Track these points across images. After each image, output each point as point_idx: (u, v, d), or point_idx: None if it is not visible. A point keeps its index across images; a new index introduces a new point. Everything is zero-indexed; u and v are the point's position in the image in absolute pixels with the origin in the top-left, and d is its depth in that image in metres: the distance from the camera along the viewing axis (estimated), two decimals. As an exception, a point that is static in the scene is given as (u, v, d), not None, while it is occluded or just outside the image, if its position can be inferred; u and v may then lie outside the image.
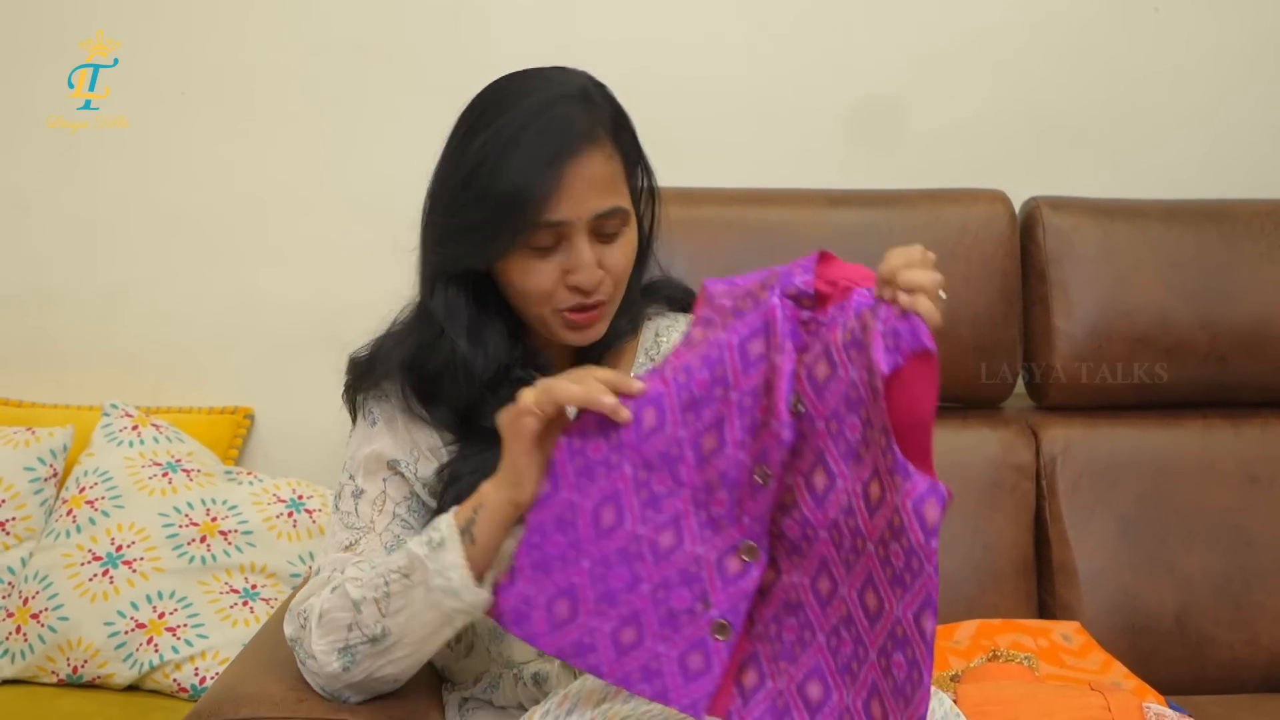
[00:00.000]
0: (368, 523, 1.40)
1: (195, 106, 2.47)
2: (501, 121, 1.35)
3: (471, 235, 1.37)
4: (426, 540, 1.26)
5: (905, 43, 2.45)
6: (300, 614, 1.34)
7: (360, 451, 1.44)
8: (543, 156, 1.32)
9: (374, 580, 1.28)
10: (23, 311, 2.50)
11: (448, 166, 1.41)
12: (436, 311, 1.41)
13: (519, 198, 1.32)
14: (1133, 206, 2.26)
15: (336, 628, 1.29)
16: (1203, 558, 2.11)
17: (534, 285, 1.38)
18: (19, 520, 2.21)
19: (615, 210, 1.38)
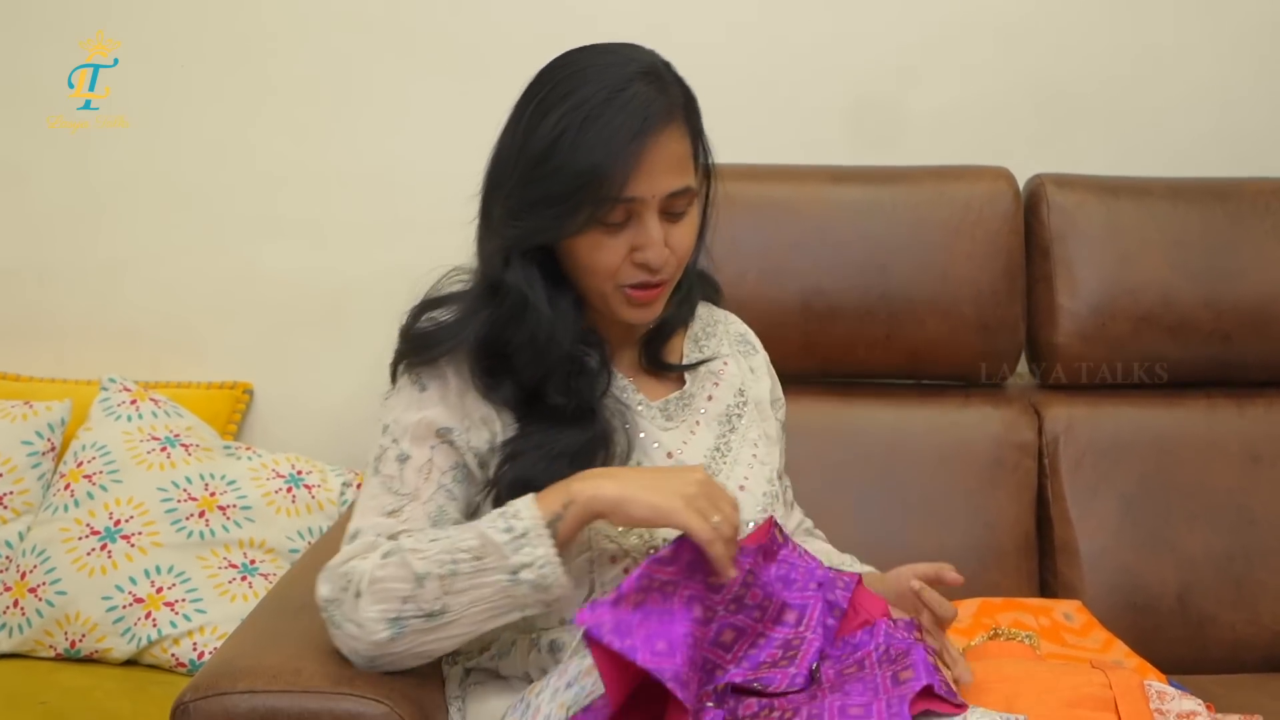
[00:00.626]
0: (413, 490, 1.38)
1: (197, 83, 2.46)
2: (579, 96, 1.34)
3: (549, 209, 1.36)
4: (506, 528, 1.26)
5: (910, 19, 2.43)
6: (342, 577, 1.32)
7: (407, 417, 1.41)
8: (625, 133, 1.33)
9: (439, 556, 1.27)
10: (21, 285, 2.49)
11: (519, 140, 1.38)
12: (515, 285, 1.39)
13: (599, 173, 1.32)
14: (1137, 184, 2.25)
15: (390, 597, 1.28)
16: (1205, 537, 2.11)
17: (602, 261, 1.38)
18: (16, 494, 2.21)
19: (685, 189, 1.39)
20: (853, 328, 2.16)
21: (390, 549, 1.31)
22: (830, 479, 2.10)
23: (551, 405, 1.40)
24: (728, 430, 1.54)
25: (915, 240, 2.16)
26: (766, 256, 2.13)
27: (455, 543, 1.28)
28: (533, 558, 1.25)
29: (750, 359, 1.65)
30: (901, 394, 2.23)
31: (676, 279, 1.45)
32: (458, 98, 2.42)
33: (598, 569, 1.39)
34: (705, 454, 1.50)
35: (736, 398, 1.57)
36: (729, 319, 1.69)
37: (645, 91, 1.35)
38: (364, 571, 1.30)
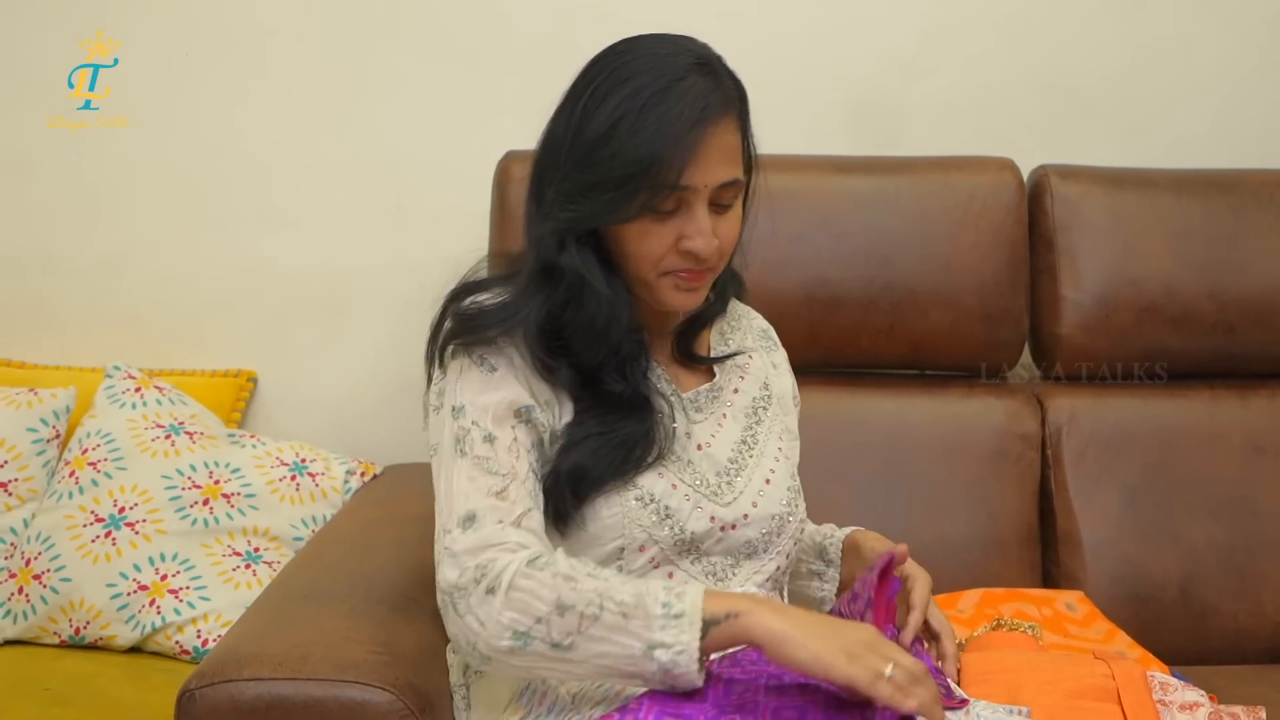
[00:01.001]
0: (509, 469, 1.36)
1: (197, 72, 2.46)
2: (637, 83, 1.35)
3: (604, 194, 1.36)
4: (665, 602, 1.23)
5: (914, 9, 2.43)
6: (478, 568, 1.28)
7: (483, 398, 1.38)
8: (683, 122, 1.33)
9: (589, 594, 1.24)
10: (26, 273, 2.49)
11: (575, 125, 1.38)
12: (571, 267, 1.39)
13: (656, 160, 1.33)
14: (1141, 176, 2.25)
15: (526, 610, 1.25)
16: (1207, 528, 2.11)
17: (649, 248, 1.38)
18: (21, 481, 2.21)
19: (735, 181, 1.40)
20: (856, 318, 2.16)
21: (540, 559, 1.28)
22: (833, 469, 2.10)
23: (607, 391, 1.40)
24: (754, 423, 1.54)
25: (919, 231, 2.16)
26: (770, 247, 2.12)
27: (610, 589, 1.25)
28: (674, 640, 1.21)
29: (773, 354, 1.66)
30: (905, 384, 2.23)
31: (719, 268, 1.45)
32: (461, 87, 2.42)
33: (627, 556, 1.39)
34: (732, 446, 1.50)
35: (762, 391, 1.58)
36: (750, 314, 1.69)
37: (702, 83, 1.36)
38: (505, 569, 1.27)
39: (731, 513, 1.45)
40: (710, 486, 1.45)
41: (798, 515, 1.53)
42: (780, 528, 1.49)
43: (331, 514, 2.20)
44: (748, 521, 1.46)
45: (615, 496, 1.39)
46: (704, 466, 1.46)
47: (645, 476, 1.41)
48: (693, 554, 1.43)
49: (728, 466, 1.48)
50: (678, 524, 1.41)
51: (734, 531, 1.45)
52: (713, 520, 1.43)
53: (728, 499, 1.45)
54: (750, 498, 1.47)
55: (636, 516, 1.39)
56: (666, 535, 1.40)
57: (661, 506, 1.40)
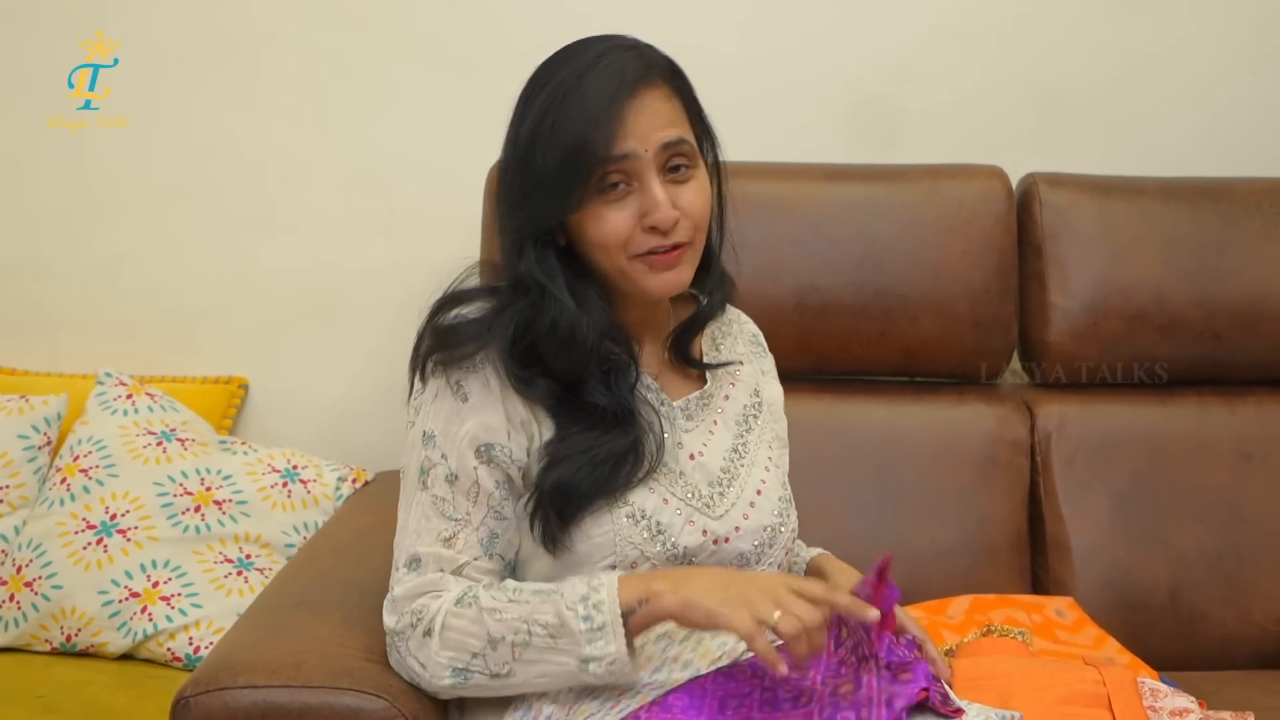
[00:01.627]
0: (464, 515, 1.38)
1: (193, 77, 2.46)
2: (559, 77, 1.36)
3: (545, 189, 1.36)
4: (585, 616, 1.27)
5: (903, 17, 2.44)
6: (412, 613, 1.35)
7: (453, 429, 1.39)
8: (602, 97, 1.34)
9: (514, 623, 1.30)
10: (18, 280, 2.49)
11: (514, 131, 1.40)
12: (532, 274, 1.39)
13: (583, 140, 1.33)
14: (1130, 184, 2.26)
15: (460, 649, 1.32)
16: (1196, 534, 2.12)
17: (611, 232, 1.37)
18: (13, 488, 2.21)
19: (681, 141, 1.38)
20: (847, 325, 2.17)
21: (465, 597, 1.33)
22: (824, 476, 2.10)
23: (589, 404, 1.39)
24: (744, 431, 1.53)
25: (909, 238, 2.17)
26: (761, 253, 2.14)
27: (533, 613, 1.29)
28: (604, 653, 1.27)
29: (762, 361, 1.66)
30: (895, 391, 2.23)
31: (698, 247, 1.43)
32: (452, 93, 2.43)
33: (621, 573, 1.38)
34: (724, 455, 1.49)
35: (752, 399, 1.57)
36: (741, 319, 1.68)
37: (622, 59, 1.37)
38: (436, 613, 1.33)
39: (723, 526, 1.44)
40: (702, 499, 1.44)
41: (789, 525, 1.52)
42: (772, 539, 1.49)
43: (323, 521, 2.20)
44: (739, 534, 1.45)
45: (605, 515, 1.38)
46: (696, 477, 1.45)
47: (635, 492, 1.40)
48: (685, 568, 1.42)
49: (720, 476, 1.47)
50: (670, 539, 1.40)
51: (726, 545, 1.44)
52: (705, 534, 1.42)
53: (719, 511, 1.45)
54: (742, 510, 1.46)
55: (628, 534, 1.38)
56: (659, 551, 1.39)
57: (653, 523, 1.40)
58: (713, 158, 1.48)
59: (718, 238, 1.52)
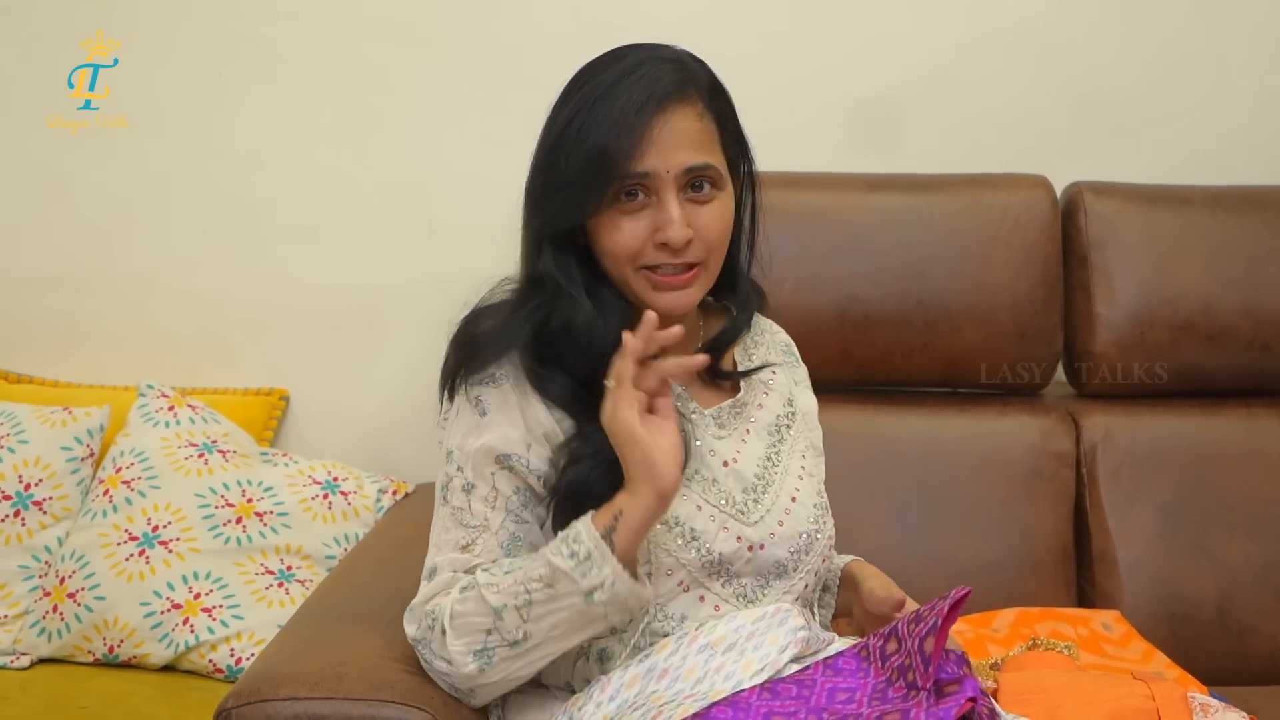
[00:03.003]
0: (482, 521, 1.39)
1: (230, 90, 2.47)
2: (594, 83, 1.37)
3: (565, 192, 1.37)
4: (570, 553, 1.28)
5: (946, 26, 2.43)
6: (427, 615, 1.36)
7: (469, 444, 1.41)
8: (631, 108, 1.34)
9: (513, 588, 1.30)
10: (60, 293, 2.51)
11: (544, 133, 1.41)
12: (549, 273, 1.40)
13: (606, 149, 1.33)
14: (1176, 192, 2.24)
15: (472, 631, 1.32)
16: (1244, 547, 2.09)
17: (622, 243, 1.38)
18: (56, 500, 2.22)
19: (706, 166, 1.38)
20: (889, 336, 2.15)
21: (467, 583, 1.34)
22: (866, 487, 2.09)
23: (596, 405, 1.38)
24: (777, 440, 1.52)
25: (952, 248, 2.16)
26: (803, 264, 2.13)
27: (527, 572, 1.30)
28: (601, 578, 1.27)
29: (795, 370, 1.65)
30: (938, 402, 2.22)
31: (712, 270, 1.43)
32: (493, 105, 2.43)
33: (656, 581, 1.38)
34: (758, 463, 1.48)
35: (786, 407, 1.56)
36: (774, 329, 1.68)
37: (658, 71, 1.36)
38: (445, 608, 1.34)
39: (758, 532, 1.43)
40: (737, 505, 1.43)
41: (825, 532, 1.51)
42: (808, 545, 1.47)
43: (364, 532, 2.20)
44: (774, 540, 1.44)
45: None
46: (730, 484, 1.45)
47: None
48: (723, 576, 1.41)
49: (754, 483, 1.46)
50: (704, 546, 1.39)
51: (762, 552, 1.43)
52: (739, 540, 1.41)
53: (754, 518, 1.44)
54: (777, 516, 1.46)
55: (661, 541, 1.38)
56: (694, 558, 1.39)
57: (687, 529, 1.39)
58: (746, 171, 1.48)
59: (746, 253, 1.52)
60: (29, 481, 2.20)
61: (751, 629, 1.35)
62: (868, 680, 1.29)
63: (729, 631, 1.34)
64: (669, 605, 1.39)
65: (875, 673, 1.30)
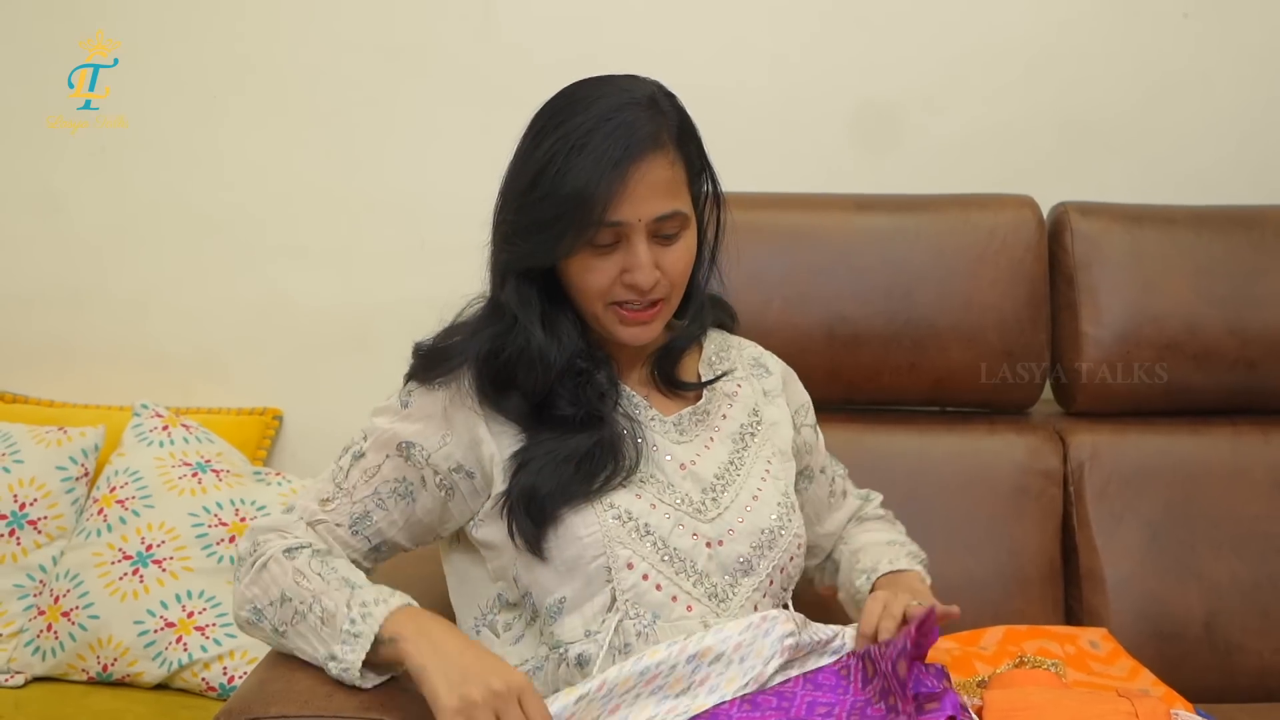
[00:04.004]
0: (350, 487, 1.48)
1: (224, 106, 2.49)
2: (570, 125, 1.40)
3: (539, 233, 1.41)
4: (352, 618, 1.35)
5: (932, 47, 2.45)
6: (255, 546, 1.45)
7: (380, 424, 1.49)
8: (608, 159, 1.38)
9: (306, 594, 1.39)
10: (55, 313, 2.52)
11: (517, 167, 1.46)
12: (509, 303, 1.45)
13: (583, 198, 1.37)
14: (1161, 212, 2.25)
15: (264, 592, 1.42)
16: (1231, 565, 2.10)
17: (592, 282, 1.44)
18: (51, 519, 2.23)
19: (674, 214, 1.43)
20: (877, 355, 2.17)
21: (294, 549, 1.43)
22: (855, 506, 2.10)
23: (559, 416, 1.45)
24: (741, 447, 1.56)
25: (939, 268, 2.17)
26: (790, 284, 2.14)
27: (324, 592, 1.38)
28: (344, 656, 1.35)
29: (763, 381, 1.67)
30: (926, 421, 2.23)
31: (674, 302, 1.50)
32: (483, 124, 2.44)
33: (615, 575, 1.41)
34: (719, 466, 1.52)
35: (751, 417, 1.60)
36: (742, 344, 1.71)
37: (634, 119, 1.40)
38: (267, 551, 1.43)
39: (715, 529, 1.47)
40: (694, 504, 1.47)
41: (790, 530, 1.53)
42: (771, 541, 1.50)
43: (356, 551, 2.21)
44: (734, 536, 1.47)
45: (590, 514, 1.42)
46: (687, 485, 1.48)
47: (620, 495, 1.43)
48: (691, 575, 1.44)
49: (713, 484, 1.50)
50: (659, 539, 1.43)
51: (721, 548, 1.46)
52: (695, 536, 1.45)
53: (711, 515, 1.47)
54: (736, 514, 1.49)
55: (616, 534, 1.41)
56: (650, 551, 1.42)
57: (641, 524, 1.43)
58: (709, 193, 1.52)
59: (706, 270, 1.58)
60: (24, 501, 2.21)
61: (739, 639, 1.37)
62: (846, 697, 1.31)
63: (717, 642, 1.37)
64: (640, 604, 1.42)
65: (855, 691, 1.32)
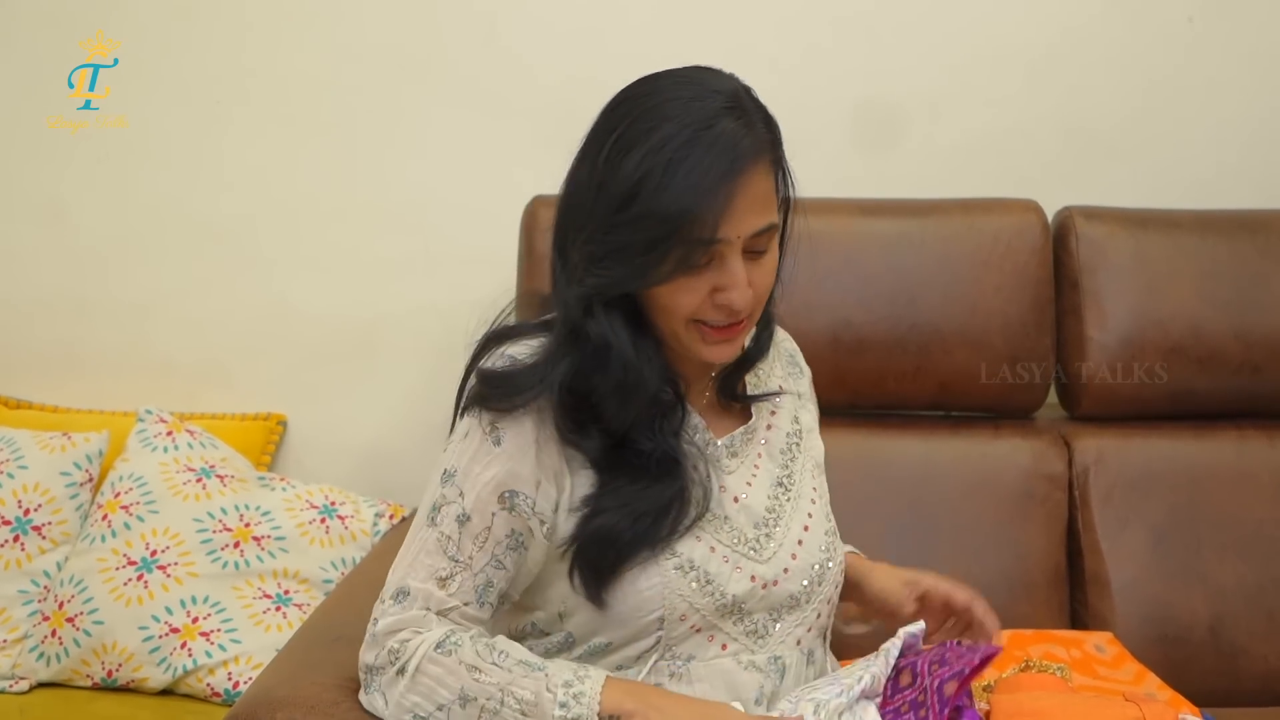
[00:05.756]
0: (467, 559, 1.34)
1: (227, 114, 2.49)
2: (662, 135, 1.28)
3: (636, 256, 1.29)
4: (562, 703, 1.25)
5: (936, 52, 2.45)
6: (391, 652, 1.31)
7: (476, 471, 1.35)
8: (713, 174, 1.27)
9: (491, 688, 1.27)
10: (59, 319, 2.52)
11: (598, 178, 1.31)
12: (599, 334, 1.33)
13: (688, 218, 1.26)
14: (1166, 216, 2.25)
15: (429, 696, 1.29)
16: (1236, 569, 2.10)
17: (684, 303, 1.33)
18: (55, 525, 2.23)
19: (769, 227, 1.33)
20: (882, 360, 2.17)
21: (446, 642, 1.30)
22: (859, 510, 2.08)
23: (637, 452, 1.35)
24: (788, 461, 1.50)
25: (944, 272, 2.17)
26: (795, 289, 2.09)
27: (512, 683, 1.27)
28: None
29: (798, 382, 1.62)
30: (931, 426, 2.23)
31: (756, 316, 1.40)
32: (487, 132, 2.45)
33: (667, 625, 1.36)
34: (768, 492, 1.45)
35: (793, 425, 1.54)
36: (779, 336, 1.63)
37: (732, 128, 1.29)
38: (414, 653, 1.30)
39: (770, 570, 1.41)
40: (748, 543, 1.41)
41: (836, 560, 1.49)
42: (821, 576, 1.45)
43: (361, 556, 2.21)
44: (788, 576, 1.42)
45: (653, 567, 1.35)
46: (741, 520, 1.42)
47: (683, 542, 1.36)
48: (735, 615, 1.39)
49: (765, 517, 1.43)
50: (719, 589, 1.37)
51: (775, 588, 1.41)
52: (754, 580, 1.39)
53: (767, 554, 1.41)
54: (789, 550, 1.43)
55: (677, 586, 1.35)
56: (708, 603, 1.37)
57: (702, 573, 1.36)
58: (784, 194, 1.41)
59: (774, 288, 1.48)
60: (28, 506, 2.21)
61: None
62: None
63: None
64: (678, 646, 1.38)
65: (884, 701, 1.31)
